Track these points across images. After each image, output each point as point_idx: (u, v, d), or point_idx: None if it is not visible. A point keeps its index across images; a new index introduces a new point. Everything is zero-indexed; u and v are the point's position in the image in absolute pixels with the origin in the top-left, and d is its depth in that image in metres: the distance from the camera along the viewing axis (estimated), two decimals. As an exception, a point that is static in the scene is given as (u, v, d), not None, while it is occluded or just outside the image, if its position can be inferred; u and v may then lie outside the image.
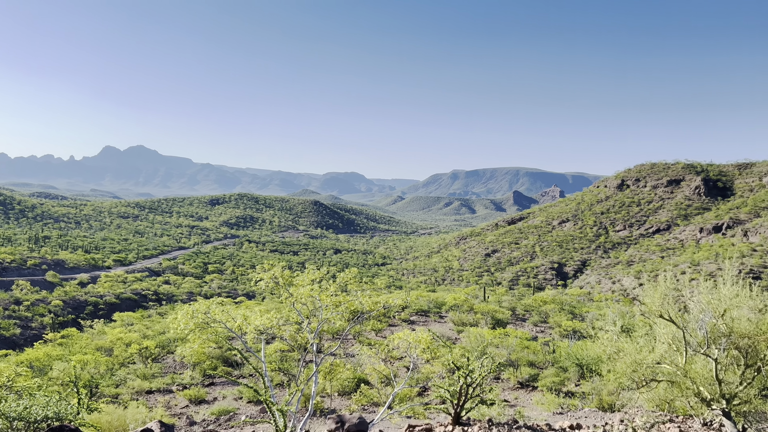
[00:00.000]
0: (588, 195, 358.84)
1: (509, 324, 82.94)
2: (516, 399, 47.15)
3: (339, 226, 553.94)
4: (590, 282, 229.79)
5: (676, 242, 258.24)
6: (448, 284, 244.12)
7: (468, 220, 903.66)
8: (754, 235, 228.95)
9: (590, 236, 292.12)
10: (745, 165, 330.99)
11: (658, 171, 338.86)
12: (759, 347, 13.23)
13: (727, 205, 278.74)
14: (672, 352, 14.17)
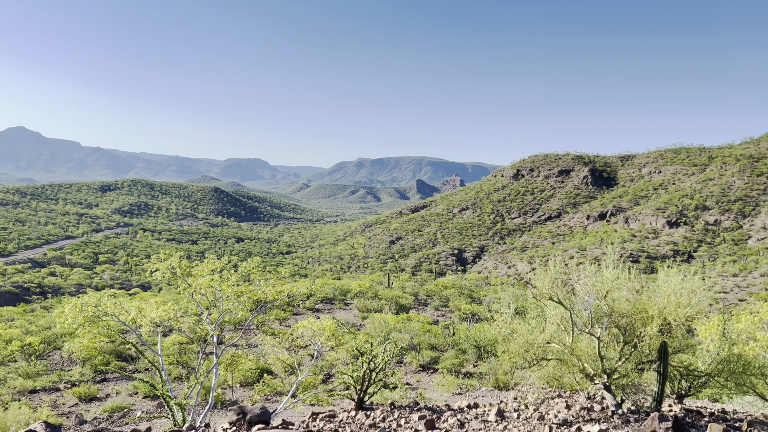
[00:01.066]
0: (486, 184, 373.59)
1: (412, 309, 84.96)
2: (418, 382, 48.49)
3: (241, 214, 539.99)
4: (488, 267, 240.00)
5: (566, 229, 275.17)
6: (353, 272, 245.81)
7: (373, 207, 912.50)
8: (633, 222, 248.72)
9: (488, 223, 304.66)
10: (627, 157, 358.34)
11: (551, 162, 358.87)
12: (635, 325, 14.41)
13: (611, 194, 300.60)
14: (560, 332, 15.11)
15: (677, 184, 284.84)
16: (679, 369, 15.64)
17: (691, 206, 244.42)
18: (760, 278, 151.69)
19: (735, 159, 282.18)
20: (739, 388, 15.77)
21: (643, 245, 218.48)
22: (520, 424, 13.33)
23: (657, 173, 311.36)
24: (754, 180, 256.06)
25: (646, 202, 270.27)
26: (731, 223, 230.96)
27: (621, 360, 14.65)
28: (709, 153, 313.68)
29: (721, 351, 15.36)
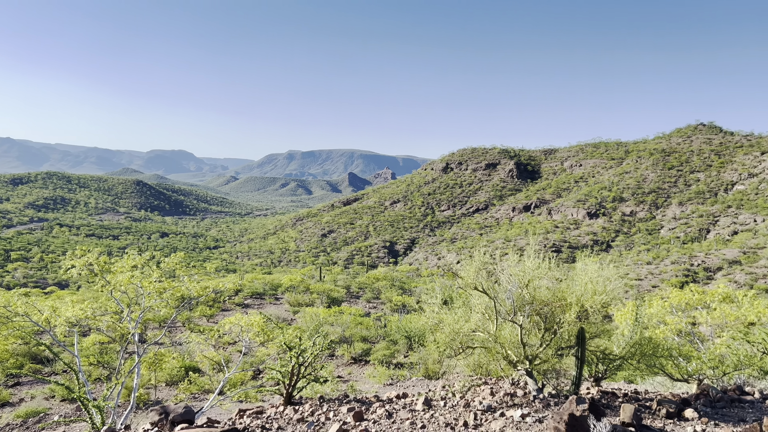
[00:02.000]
0: (417, 177, 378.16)
1: (344, 302, 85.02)
2: (350, 374, 48.63)
3: (166, 207, 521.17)
4: (419, 258, 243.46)
5: (493, 220, 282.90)
6: (284, 266, 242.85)
7: (305, 201, 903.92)
8: (556, 213, 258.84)
9: (419, 216, 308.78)
10: (550, 150, 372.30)
11: (478, 155, 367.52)
12: (555, 312, 15.00)
13: (536, 187, 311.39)
14: (485, 321, 15.51)
15: (596, 177, 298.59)
16: (596, 353, 16.43)
17: (609, 198, 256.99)
18: (671, 265, 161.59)
19: (649, 153, 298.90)
20: (650, 369, 16.78)
21: (565, 236, 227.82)
22: (446, 411, 13.60)
23: (578, 166, 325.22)
24: (666, 173, 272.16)
25: (567, 195, 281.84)
26: (645, 214, 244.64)
27: (542, 346, 15.21)
28: (626, 147, 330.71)
29: (634, 335, 16.26)
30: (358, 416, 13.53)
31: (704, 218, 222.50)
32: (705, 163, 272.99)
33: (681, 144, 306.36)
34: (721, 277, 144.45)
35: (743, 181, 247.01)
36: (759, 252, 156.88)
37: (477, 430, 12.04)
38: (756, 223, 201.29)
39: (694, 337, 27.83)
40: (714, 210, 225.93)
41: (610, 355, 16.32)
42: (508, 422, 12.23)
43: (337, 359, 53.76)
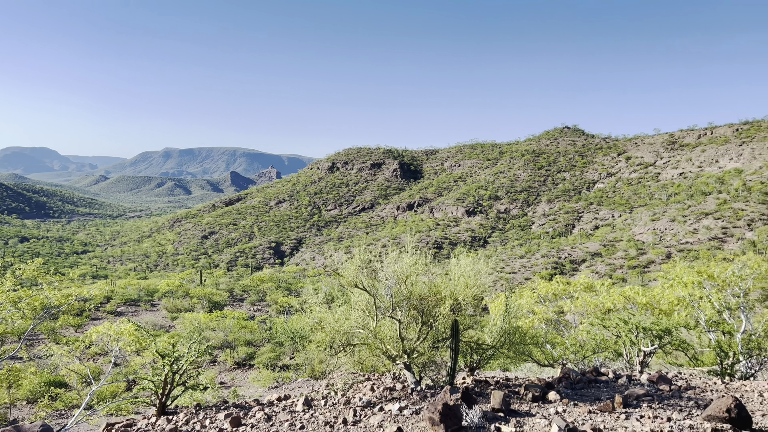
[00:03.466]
0: (303, 176, 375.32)
1: (227, 306, 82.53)
2: (233, 380, 47.29)
3: (26, 210, 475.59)
4: (306, 259, 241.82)
5: (379, 219, 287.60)
6: (161, 270, 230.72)
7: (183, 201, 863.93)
8: (438, 211, 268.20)
9: (305, 215, 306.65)
10: (431, 151, 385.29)
11: (363, 155, 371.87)
12: (431, 306, 15.53)
13: (418, 186, 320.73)
14: (365, 318, 15.69)
15: (474, 176, 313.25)
16: (470, 344, 17.21)
17: (486, 196, 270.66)
18: (542, 259, 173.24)
19: (520, 154, 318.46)
20: (519, 357, 17.88)
21: (446, 233, 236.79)
22: (326, 410, 13.60)
23: (457, 167, 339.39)
24: (536, 173, 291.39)
25: (448, 193, 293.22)
26: (518, 211, 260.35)
27: (419, 340, 15.67)
28: (500, 149, 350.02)
29: (504, 325, 17.23)
30: (235, 422, 13.15)
31: (570, 214, 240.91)
32: (570, 164, 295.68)
33: (549, 145, 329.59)
34: (585, 269, 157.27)
35: (603, 179, 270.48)
36: (617, 245, 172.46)
37: (356, 426, 12.15)
38: (614, 218, 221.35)
39: (559, 325, 30.06)
40: (578, 207, 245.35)
41: (483, 345, 17.17)
42: (387, 416, 12.46)
43: (219, 365, 52.08)
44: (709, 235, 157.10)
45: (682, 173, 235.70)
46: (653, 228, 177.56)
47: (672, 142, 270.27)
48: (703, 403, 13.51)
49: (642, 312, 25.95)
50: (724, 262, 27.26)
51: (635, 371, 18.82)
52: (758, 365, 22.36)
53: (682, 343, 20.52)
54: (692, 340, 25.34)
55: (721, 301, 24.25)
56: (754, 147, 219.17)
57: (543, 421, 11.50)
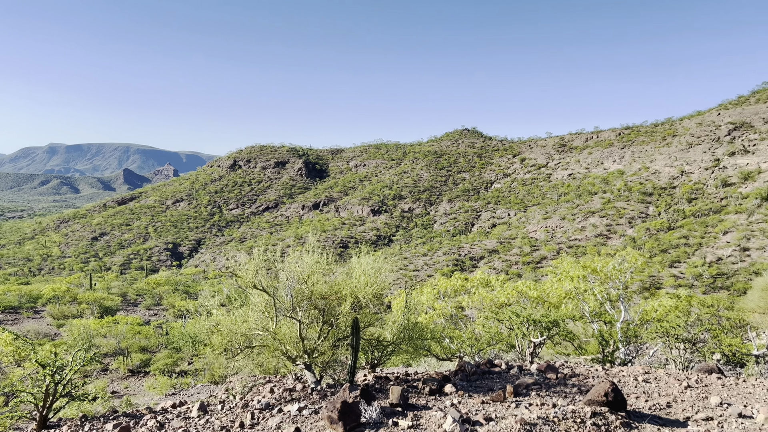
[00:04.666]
0: (202, 174, 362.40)
1: (120, 311, 78.22)
2: (126, 388, 44.85)
3: None
4: (205, 260, 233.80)
5: (284, 219, 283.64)
6: (46, 274, 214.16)
7: (71, 200, 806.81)
8: (344, 210, 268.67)
9: (205, 215, 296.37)
10: (337, 150, 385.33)
11: (267, 153, 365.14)
12: (332, 305, 15.54)
13: (324, 185, 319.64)
14: (265, 319, 15.42)
15: (379, 176, 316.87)
16: (371, 341, 17.38)
17: (390, 196, 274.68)
18: (443, 256, 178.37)
19: (423, 155, 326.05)
20: (418, 352, 18.31)
21: (352, 232, 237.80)
22: (223, 414, 13.22)
23: (362, 166, 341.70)
24: (438, 173, 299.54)
25: (353, 193, 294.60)
26: (421, 210, 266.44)
27: (320, 339, 15.63)
28: (404, 149, 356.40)
29: (404, 321, 17.56)
30: (124, 431, 12.48)
31: (469, 213, 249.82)
32: (469, 165, 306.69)
33: (450, 147, 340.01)
34: (484, 265, 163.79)
35: (500, 180, 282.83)
36: (512, 242, 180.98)
37: (253, 429, 11.91)
38: (510, 216, 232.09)
39: (458, 320, 31.07)
40: (477, 206, 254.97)
41: (383, 342, 17.40)
42: (285, 417, 12.31)
43: (111, 373, 49.23)
44: (595, 232, 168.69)
45: (571, 174, 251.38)
46: (545, 226, 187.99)
47: (562, 145, 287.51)
48: (585, 389, 14.48)
49: (533, 305, 27.41)
50: (606, 257, 29.40)
51: (526, 362, 19.84)
52: (635, 352, 24.29)
53: (568, 333, 21.86)
54: (578, 330, 27.11)
55: (603, 294, 26.12)
56: (634, 150, 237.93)
57: (439, 414, 11.84)
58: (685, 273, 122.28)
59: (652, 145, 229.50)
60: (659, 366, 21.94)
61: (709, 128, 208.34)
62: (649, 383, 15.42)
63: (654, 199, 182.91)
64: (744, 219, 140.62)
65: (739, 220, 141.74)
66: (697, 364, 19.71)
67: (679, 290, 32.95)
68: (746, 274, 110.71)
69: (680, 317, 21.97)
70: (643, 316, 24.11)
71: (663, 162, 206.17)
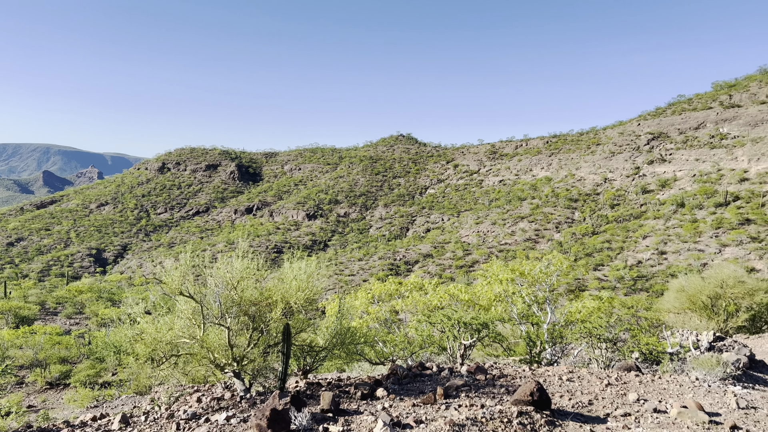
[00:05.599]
0: (129, 177, 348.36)
1: (38, 320, 74.22)
2: (44, 402, 42.51)
3: None
4: (132, 266, 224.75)
5: (215, 223, 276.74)
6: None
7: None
8: (278, 215, 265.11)
9: (131, 220, 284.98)
10: (271, 154, 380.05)
11: (198, 156, 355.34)
12: (263, 311, 15.27)
13: (258, 189, 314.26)
14: (192, 326, 14.96)
15: (314, 180, 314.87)
16: (303, 347, 17.20)
17: (326, 200, 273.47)
18: (379, 261, 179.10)
19: (359, 160, 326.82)
20: (351, 356, 18.26)
21: (287, 237, 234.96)
22: (146, 426, 12.71)
23: (297, 170, 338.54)
24: (374, 178, 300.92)
25: (288, 197, 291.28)
26: (357, 215, 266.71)
27: (250, 346, 15.31)
28: (340, 153, 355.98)
29: (337, 326, 17.49)
30: (38, 449, 11.75)
31: (404, 218, 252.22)
32: (405, 170, 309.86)
33: (386, 152, 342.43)
34: (418, 269, 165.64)
35: (434, 185, 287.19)
36: (446, 246, 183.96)
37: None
38: (443, 221, 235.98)
39: (392, 324, 31.24)
40: (412, 211, 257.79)
41: (316, 348, 17.25)
42: (213, 426, 11.97)
43: (28, 387, 46.44)
44: (524, 237, 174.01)
45: (502, 180, 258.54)
46: (477, 231, 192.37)
47: (493, 152, 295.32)
48: (513, 389, 14.87)
49: (465, 308, 27.95)
50: (533, 261, 30.37)
51: (457, 364, 20.18)
52: (561, 352, 25.19)
53: (497, 335, 22.43)
54: (507, 332, 27.85)
55: (531, 296, 26.96)
56: (561, 158, 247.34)
57: (370, 418, 11.85)
58: (609, 276, 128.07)
59: (578, 153, 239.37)
60: (583, 365, 22.84)
61: (630, 137, 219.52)
62: (572, 382, 16.01)
63: (579, 205, 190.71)
64: (661, 224, 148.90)
65: (657, 225, 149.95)
66: (617, 363, 20.63)
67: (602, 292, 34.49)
68: (663, 276, 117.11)
69: (602, 318, 22.96)
70: (568, 318, 25.04)
71: (588, 169, 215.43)
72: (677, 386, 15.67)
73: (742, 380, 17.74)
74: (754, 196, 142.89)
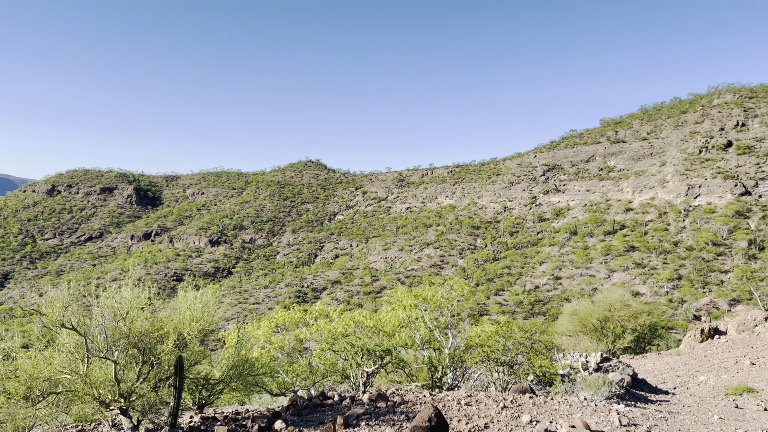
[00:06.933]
0: (13, 200, 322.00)
1: None
2: None
3: None
4: (14, 296, 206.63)
5: (109, 249, 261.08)
6: None
7: None
8: (178, 241, 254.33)
9: (15, 246, 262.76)
10: (173, 177, 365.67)
11: (92, 178, 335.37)
12: (153, 343, 14.44)
13: (157, 214, 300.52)
14: (74, 361, 13.88)
15: (219, 205, 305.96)
16: (198, 380, 16.40)
17: (231, 226, 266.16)
18: (286, 288, 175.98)
19: (266, 185, 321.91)
20: (248, 388, 17.65)
21: (188, 264, 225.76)
22: (16, 475, 11.55)
23: (201, 194, 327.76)
24: (281, 203, 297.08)
25: (190, 222, 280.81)
26: (263, 241, 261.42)
27: (140, 381, 14.41)
28: (246, 178, 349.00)
29: (234, 357, 16.86)
30: None
31: (313, 244, 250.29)
32: (313, 196, 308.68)
33: (294, 177, 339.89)
34: (326, 296, 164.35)
35: (343, 212, 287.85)
36: (354, 272, 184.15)
37: (52, 488, 10.53)
38: (352, 248, 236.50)
39: (296, 353, 30.60)
40: (320, 237, 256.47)
41: (212, 381, 16.53)
42: (93, 471, 11.08)
43: None
44: (430, 263, 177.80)
45: (409, 207, 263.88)
46: (385, 257, 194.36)
47: (401, 180, 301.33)
48: (413, 415, 14.95)
49: (369, 335, 27.93)
50: (436, 287, 30.99)
51: (359, 392, 20.05)
52: (461, 376, 25.72)
53: (400, 361, 22.54)
54: (411, 357, 28.09)
55: (433, 321, 27.42)
56: (464, 186, 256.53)
57: (266, 452, 11.44)
58: (509, 300, 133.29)
59: (480, 183, 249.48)
60: (482, 389, 23.42)
61: (527, 169, 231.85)
62: (470, 406, 16.35)
63: (481, 232, 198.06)
64: (556, 251, 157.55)
65: (552, 251, 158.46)
66: (513, 386, 21.34)
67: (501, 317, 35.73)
68: (559, 300, 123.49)
69: (499, 342, 23.73)
70: (468, 342, 25.66)
71: (489, 198, 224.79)
72: (567, 406, 16.42)
73: (626, 398, 18.89)
74: (638, 224, 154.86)
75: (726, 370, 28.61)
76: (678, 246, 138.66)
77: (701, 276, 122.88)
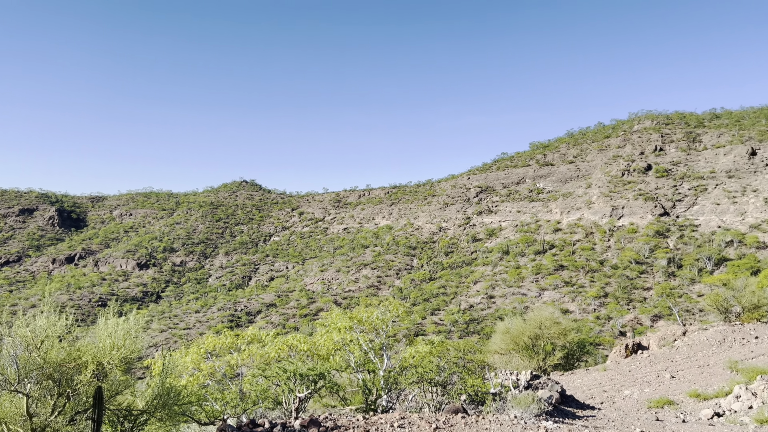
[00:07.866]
0: None
1: None
2: None
3: None
4: None
5: (28, 274, 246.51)
6: None
7: None
8: (104, 264, 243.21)
9: None
10: (99, 198, 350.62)
11: (10, 198, 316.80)
12: (71, 374, 13.65)
13: (81, 236, 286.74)
14: (-20, 396, 12.92)
15: (148, 226, 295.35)
16: (119, 411, 15.59)
17: (160, 248, 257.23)
18: (218, 312, 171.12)
19: (198, 205, 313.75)
20: (174, 418, 16.93)
21: (113, 288, 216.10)
22: None
23: (128, 216, 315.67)
24: (214, 225, 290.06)
25: (117, 245, 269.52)
26: (195, 263, 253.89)
27: (55, 414, 13.55)
28: (177, 198, 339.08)
29: (159, 386, 16.15)
30: None
31: (247, 266, 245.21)
32: (248, 217, 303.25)
33: (228, 198, 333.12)
34: (261, 320, 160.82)
35: (278, 233, 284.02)
36: (290, 295, 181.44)
37: None
38: (288, 269, 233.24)
39: (227, 379, 29.68)
40: (255, 259, 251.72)
41: (134, 411, 15.74)
42: None
43: None
44: (367, 284, 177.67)
45: (346, 228, 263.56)
46: (322, 278, 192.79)
47: (338, 200, 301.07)
48: (345, 439, 14.75)
49: (304, 359, 27.49)
50: (371, 308, 30.96)
51: (291, 418, 19.63)
52: (396, 398, 25.67)
53: (334, 385, 22.28)
54: (345, 381, 27.81)
55: (368, 343, 27.32)
56: (400, 207, 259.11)
57: (190, 486, 10.97)
58: (444, 320, 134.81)
59: (416, 204, 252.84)
60: (416, 410, 23.44)
61: (461, 190, 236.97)
62: (403, 428, 16.32)
63: (418, 252, 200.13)
64: (490, 270, 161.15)
65: (486, 271, 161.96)
66: (446, 406, 21.48)
67: (436, 336, 36.02)
68: (492, 319, 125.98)
69: (432, 362, 23.88)
70: (402, 363, 25.68)
71: (425, 219, 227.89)
72: (498, 425, 16.67)
73: (554, 415, 19.38)
74: (566, 244, 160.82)
75: (648, 383, 29.92)
76: (604, 264, 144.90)
77: (626, 293, 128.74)
